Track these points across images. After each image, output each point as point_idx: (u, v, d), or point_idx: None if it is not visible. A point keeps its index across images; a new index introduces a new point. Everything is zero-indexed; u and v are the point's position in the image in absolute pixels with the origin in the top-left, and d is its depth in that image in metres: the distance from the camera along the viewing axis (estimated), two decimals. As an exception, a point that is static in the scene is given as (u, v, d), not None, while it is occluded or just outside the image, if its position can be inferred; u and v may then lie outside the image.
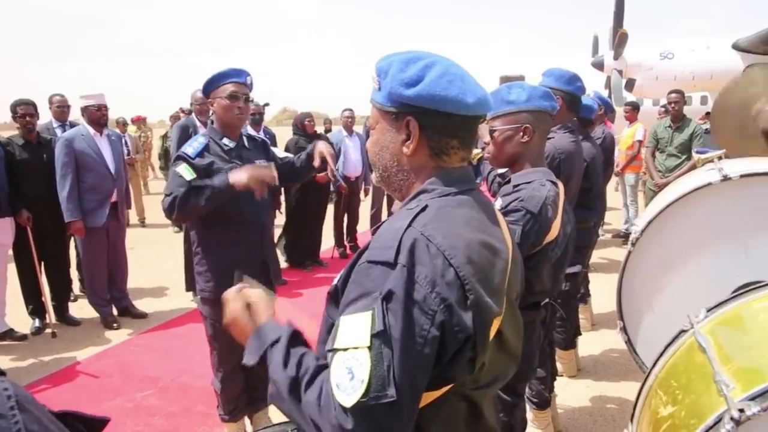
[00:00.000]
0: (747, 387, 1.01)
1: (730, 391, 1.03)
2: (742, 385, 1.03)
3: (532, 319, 2.21)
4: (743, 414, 0.96)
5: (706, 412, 1.02)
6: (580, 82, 3.07)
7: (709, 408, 1.03)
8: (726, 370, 1.12)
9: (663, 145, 6.22)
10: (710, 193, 1.73)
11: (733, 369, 1.11)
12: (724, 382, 1.07)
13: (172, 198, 2.57)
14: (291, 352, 1.10)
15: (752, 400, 0.97)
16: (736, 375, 1.08)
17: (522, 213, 1.95)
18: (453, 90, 1.12)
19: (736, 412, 0.96)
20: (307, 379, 1.05)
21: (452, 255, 1.03)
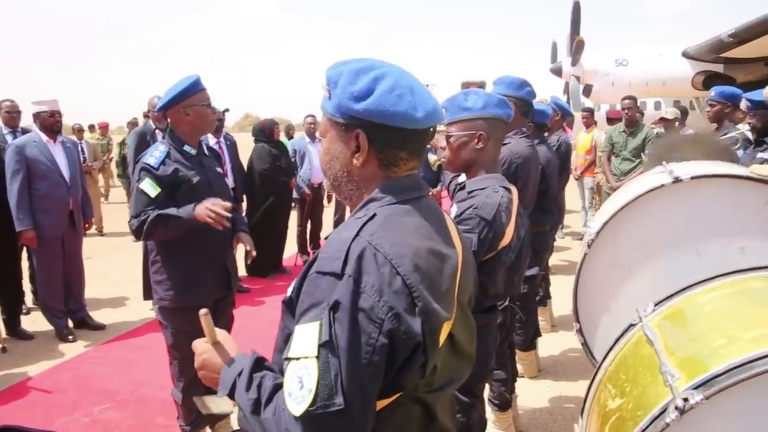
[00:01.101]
0: (691, 377, 1.05)
1: (675, 382, 1.07)
2: (686, 375, 1.07)
3: (488, 322, 2.25)
4: (687, 403, 0.99)
5: (653, 403, 1.06)
6: (530, 87, 3.16)
7: (655, 398, 1.07)
8: (671, 361, 1.16)
9: (618, 149, 6.42)
10: (662, 194, 1.79)
11: (678, 360, 1.15)
12: (669, 372, 1.11)
13: (140, 223, 2.58)
14: (253, 378, 1.12)
15: (695, 389, 1.01)
16: (681, 365, 1.12)
17: (477, 220, 2.00)
18: (402, 105, 1.12)
19: (681, 401, 1.00)
20: (266, 398, 1.08)
21: (399, 263, 1.05)
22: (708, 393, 0.99)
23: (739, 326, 1.17)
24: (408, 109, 1.13)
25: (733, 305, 1.32)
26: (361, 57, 1.21)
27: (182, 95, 2.68)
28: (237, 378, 1.15)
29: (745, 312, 1.27)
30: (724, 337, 1.15)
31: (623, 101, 6.33)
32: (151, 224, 2.55)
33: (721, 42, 11.46)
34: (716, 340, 1.15)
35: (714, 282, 1.40)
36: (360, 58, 1.20)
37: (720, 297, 1.34)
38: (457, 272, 1.22)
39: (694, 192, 1.74)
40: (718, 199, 1.74)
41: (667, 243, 1.79)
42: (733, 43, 11.21)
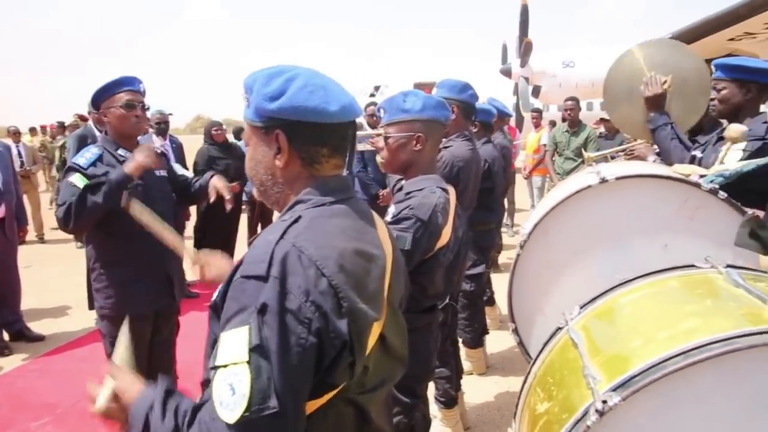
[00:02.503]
0: (611, 378, 1.08)
1: (596, 384, 1.10)
2: (607, 376, 1.10)
3: (429, 322, 2.28)
4: (606, 405, 1.02)
5: (576, 406, 1.09)
6: (472, 90, 3.21)
7: (579, 401, 1.10)
8: (594, 364, 1.19)
9: (561, 148, 6.60)
10: (589, 195, 1.84)
11: (601, 362, 1.19)
12: (591, 375, 1.13)
13: (66, 206, 2.46)
14: (167, 408, 1.10)
15: (614, 391, 1.04)
16: (602, 367, 1.15)
17: (412, 221, 2.02)
18: (314, 100, 1.16)
19: (600, 403, 1.02)
20: (187, 421, 1.05)
21: (324, 265, 1.06)
22: (625, 394, 1.02)
23: (655, 326, 1.21)
24: (320, 103, 1.16)
25: (650, 306, 1.37)
26: (276, 64, 1.25)
27: (97, 97, 2.61)
28: (149, 414, 1.13)
29: (660, 312, 1.32)
30: (641, 337, 1.19)
31: (566, 102, 6.52)
32: (79, 201, 2.43)
33: (661, 44, 11.87)
34: (634, 341, 1.19)
35: (634, 283, 1.44)
36: (274, 65, 1.25)
37: (639, 298, 1.39)
38: (386, 273, 1.23)
39: (620, 192, 1.80)
40: (642, 198, 1.81)
41: (595, 242, 1.84)
42: (673, 45, 11.61)
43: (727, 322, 1.06)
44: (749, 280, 1.30)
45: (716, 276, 1.37)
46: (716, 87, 3.05)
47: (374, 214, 1.34)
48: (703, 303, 1.28)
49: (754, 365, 0.99)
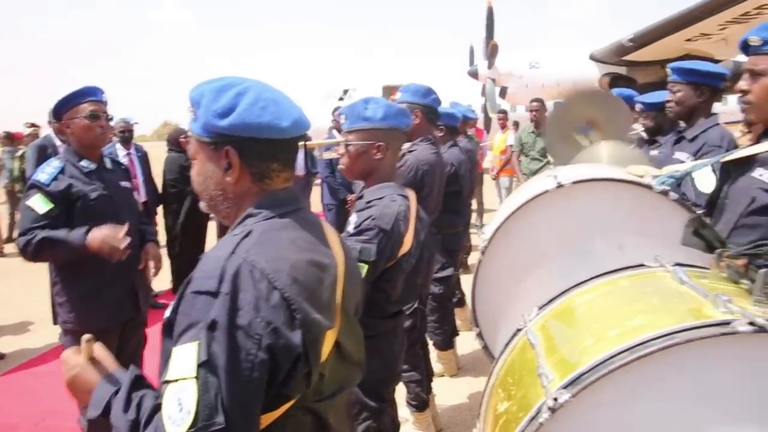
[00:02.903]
0: (563, 377, 1.11)
1: (549, 383, 1.14)
2: (559, 375, 1.14)
3: (393, 326, 2.31)
4: (557, 402, 1.05)
5: (531, 404, 1.12)
6: (435, 94, 3.25)
7: (534, 400, 1.13)
8: (549, 363, 1.22)
9: (527, 149, 6.71)
10: (547, 199, 1.89)
11: (555, 361, 1.22)
12: (545, 374, 1.17)
13: (25, 242, 2.46)
14: (132, 397, 1.10)
15: (565, 388, 1.07)
16: (556, 367, 1.19)
17: (375, 231, 2.04)
18: (266, 116, 1.15)
19: (551, 401, 1.06)
20: (145, 419, 1.06)
21: (276, 278, 1.07)
22: (575, 391, 1.05)
23: (605, 325, 1.26)
24: (273, 119, 1.16)
25: (602, 305, 1.42)
26: (224, 76, 1.24)
27: (59, 108, 2.58)
28: (113, 397, 1.12)
29: (611, 311, 1.37)
30: (592, 336, 1.23)
31: (531, 103, 6.64)
32: (38, 245, 2.44)
33: (622, 46, 12.20)
34: (586, 339, 1.23)
35: (589, 284, 1.49)
36: (222, 77, 1.23)
37: (593, 298, 1.43)
38: (338, 281, 1.25)
39: (576, 196, 1.85)
40: (598, 201, 1.86)
41: (554, 246, 1.89)
42: (633, 47, 11.96)
43: (670, 318, 1.11)
44: (693, 277, 1.36)
45: (664, 274, 1.42)
46: (672, 89, 3.15)
47: (324, 224, 1.35)
48: (651, 301, 1.33)
49: (694, 358, 1.03)
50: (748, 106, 1.95)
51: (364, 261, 1.99)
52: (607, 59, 12.93)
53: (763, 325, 0.99)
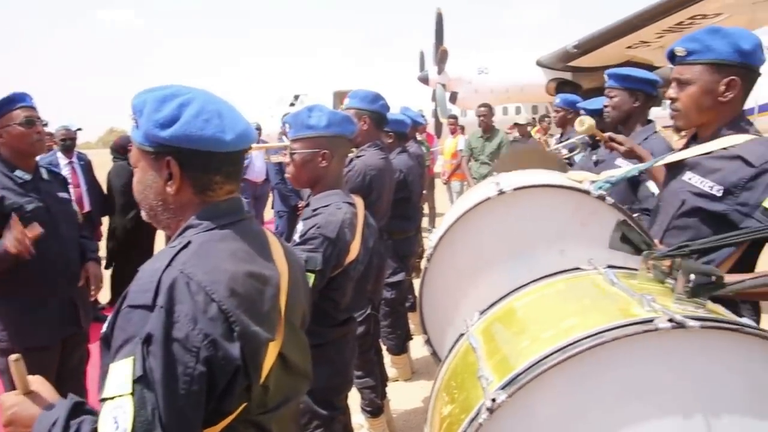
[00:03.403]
0: (501, 378, 1.16)
1: (489, 384, 1.18)
2: (498, 377, 1.18)
3: (344, 334, 2.32)
4: (495, 403, 1.09)
5: (472, 406, 1.16)
6: (383, 100, 3.29)
7: (474, 401, 1.16)
8: (489, 366, 1.27)
9: (476, 153, 6.85)
10: (489, 206, 1.93)
11: (494, 364, 1.27)
12: (485, 377, 1.21)
13: None
14: (70, 425, 1.08)
15: (503, 389, 1.11)
16: (495, 369, 1.23)
17: (320, 240, 2.05)
18: (210, 129, 1.14)
19: (489, 402, 1.09)
20: None
21: (214, 290, 1.06)
22: (511, 391, 1.09)
23: (541, 327, 1.31)
24: (216, 132, 1.15)
25: (539, 307, 1.47)
26: (168, 84, 1.21)
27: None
28: (51, 428, 1.09)
29: (547, 313, 1.43)
30: (529, 338, 1.28)
31: (479, 108, 6.78)
32: None
33: (567, 52, 12.58)
34: (523, 341, 1.28)
35: (528, 287, 1.55)
36: (166, 86, 1.21)
37: (531, 301, 1.49)
38: (280, 293, 1.25)
39: (518, 202, 1.91)
40: (538, 207, 1.92)
41: (496, 251, 1.94)
42: (578, 53, 12.35)
43: (600, 317, 1.17)
44: (623, 278, 1.43)
45: (597, 276, 1.49)
46: (609, 95, 3.28)
47: (268, 234, 1.35)
48: (583, 302, 1.40)
49: (621, 355, 1.09)
50: (676, 113, 2.05)
51: (310, 270, 2.00)
52: (553, 65, 13.31)
53: (681, 322, 1.06)
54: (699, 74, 1.94)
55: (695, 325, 1.06)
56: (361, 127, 3.20)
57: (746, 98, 2.02)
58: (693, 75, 1.95)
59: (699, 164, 1.99)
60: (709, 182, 1.92)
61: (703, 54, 1.92)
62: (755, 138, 1.91)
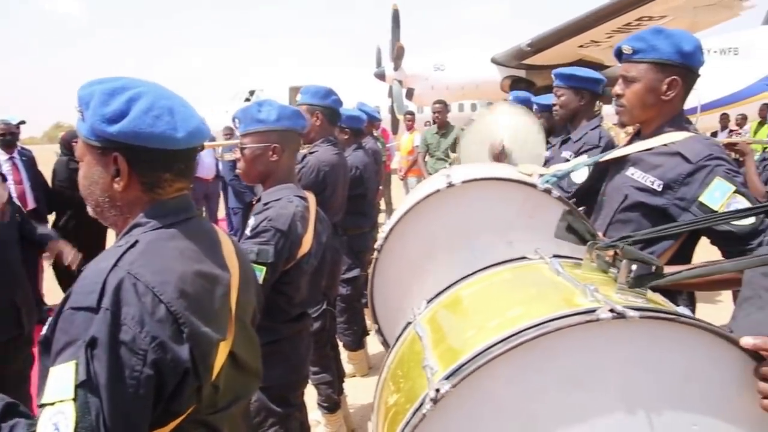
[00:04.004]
0: (445, 368, 1.15)
1: (433, 374, 1.17)
2: (443, 366, 1.17)
3: (298, 330, 2.31)
4: (438, 393, 1.08)
5: (417, 396, 1.15)
6: (336, 96, 3.29)
7: (419, 391, 1.16)
8: (434, 355, 1.26)
9: (432, 149, 6.91)
10: (439, 198, 1.94)
11: (440, 353, 1.26)
12: (430, 366, 1.20)
13: None
14: (1, 428, 1.04)
15: (447, 379, 1.10)
16: (440, 358, 1.23)
17: (272, 232, 2.04)
18: (160, 126, 1.10)
19: (433, 392, 1.08)
20: None
21: (162, 291, 1.04)
22: (455, 381, 1.09)
23: (487, 316, 1.32)
24: (167, 130, 1.11)
25: (485, 297, 1.48)
26: (117, 76, 1.17)
27: None
28: None
29: (493, 302, 1.43)
30: (474, 327, 1.28)
31: (434, 105, 6.86)
32: None
33: (521, 50, 12.80)
34: (469, 331, 1.28)
35: (475, 276, 1.55)
36: (115, 77, 1.16)
37: (477, 290, 1.50)
38: (231, 291, 1.23)
39: (467, 194, 1.93)
40: (487, 199, 1.94)
41: (446, 243, 1.96)
42: (531, 51, 12.59)
43: (545, 307, 1.17)
44: (567, 267, 1.45)
45: (543, 265, 1.51)
46: (556, 93, 3.37)
47: (219, 232, 1.33)
48: (528, 291, 1.41)
49: (564, 345, 1.10)
50: (621, 109, 2.12)
51: (261, 263, 1.99)
52: (508, 63, 13.51)
53: (621, 312, 1.07)
54: (644, 72, 2.01)
55: (635, 315, 1.07)
56: (314, 122, 3.20)
57: (686, 97, 2.10)
58: (638, 73, 2.02)
59: (641, 160, 2.06)
60: (650, 177, 1.99)
61: (648, 53, 1.98)
62: (694, 135, 1.99)
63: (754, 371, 1.06)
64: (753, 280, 1.35)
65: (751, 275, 1.36)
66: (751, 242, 1.80)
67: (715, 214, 1.77)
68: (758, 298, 1.32)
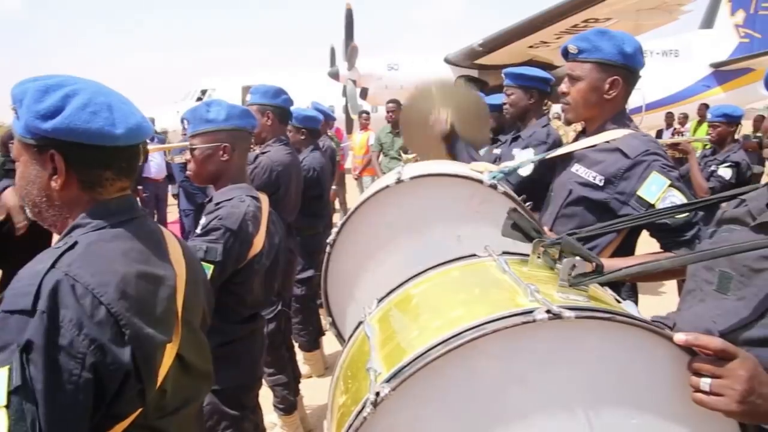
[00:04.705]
0: (388, 369, 1.14)
1: (376, 377, 1.15)
2: (386, 368, 1.16)
3: (252, 330, 2.29)
4: (378, 396, 1.07)
5: (361, 398, 1.12)
6: (286, 95, 3.26)
7: (363, 393, 1.14)
8: (380, 357, 1.24)
9: (386, 149, 6.94)
10: (389, 194, 1.95)
11: (385, 354, 1.24)
12: (374, 369, 1.18)
13: None
14: None
15: (387, 382, 1.09)
16: (385, 360, 1.21)
17: (222, 231, 2.02)
18: (97, 122, 1.08)
19: (373, 395, 1.07)
20: None
21: (102, 293, 1.01)
22: (395, 384, 1.07)
23: (431, 316, 1.31)
24: (105, 126, 1.09)
25: (432, 296, 1.47)
26: (52, 74, 1.14)
27: None
28: None
29: (439, 302, 1.42)
30: (418, 328, 1.28)
31: (388, 104, 6.88)
32: None
33: (473, 50, 12.99)
34: (413, 331, 1.27)
35: (424, 275, 1.55)
36: (51, 75, 1.13)
37: (426, 289, 1.49)
38: (177, 293, 1.21)
39: (416, 190, 1.94)
40: (436, 195, 1.96)
41: (396, 239, 1.96)
42: (483, 51, 12.78)
43: (486, 308, 1.16)
44: (514, 265, 1.45)
45: (490, 263, 1.51)
46: (506, 92, 3.44)
47: (165, 233, 1.31)
48: (473, 291, 1.41)
49: (503, 347, 1.10)
50: (567, 107, 2.18)
51: (210, 261, 1.97)
52: (461, 62, 13.69)
53: (558, 313, 1.07)
54: (588, 71, 2.08)
55: (571, 315, 1.07)
56: (265, 122, 3.17)
57: (628, 97, 2.18)
58: (583, 72, 2.09)
59: (585, 156, 2.13)
60: (593, 173, 2.05)
61: (592, 53, 2.05)
62: (632, 132, 2.07)
63: (688, 366, 1.09)
64: (696, 273, 1.40)
65: (695, 268, 1.41)
66: (686, 234, 1.91)
67: (656, 211, 1.85)
68: (699, 290, 1.37)
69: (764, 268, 1.20)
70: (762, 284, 1.20)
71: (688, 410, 1.11)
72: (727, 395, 1.04)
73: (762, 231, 1.24)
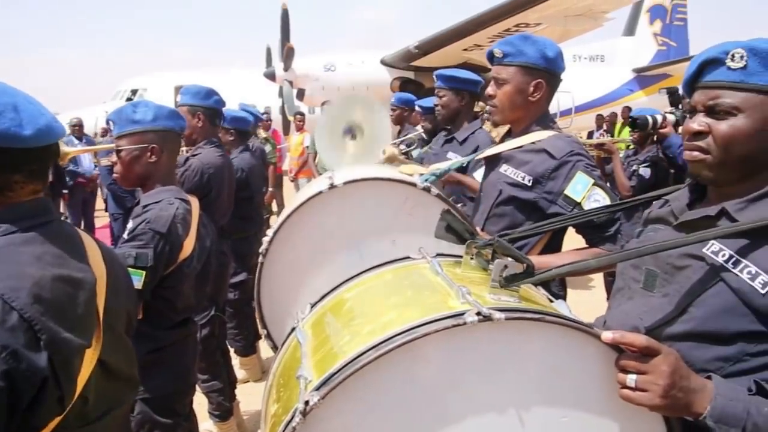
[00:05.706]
0: (318, 377, 1.12)
1: (306, 385, 1.13)
2: (316, 376, 1.13)
3: (184, 335, 2.23)
4: (307, 405, 1.04)
5: (291, 407, 1.10)
6: (218, 96, 3.20)
7: (293, 402, 1.11)
8: (311, 364, 1.22)
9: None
10: (322, 200, 1.93)
11: (316, 361, 1.22)
12: (304, 376, 1.15)
13: None
14: None
15: (317, 390, 1.06)
16: (316, 367, 1.19)
17: (150, 235, 1.96)
18: (3, 122, 1.03)
19: (302, 404, 1.05)
20: None
21: (14, 297, 0.97)
22: (324, 392, 1.05)
23: (363, 321, 1.30)
24: (11, 127, 1.04)
25: (365, 300, 1.46)
26: None
27: None
28: None
29: (371, 306, 1.42)
30: (350, 333, 1.26)
31: (323, 106, 6.84)
32: None
33: (409, 52, 13.13)
34: (345, 337, 1.25)
35: (358, 278, 1.53)
36: None
37: (359, 292, 1.48)
38: (96, 296, 1.17)
39: (349, 195, 1.93)
40: (368, 199, 1.96)
41: (330, 244, 1.95)
42: (419, 53, 12.94)
43: (417, 311, 1.16)
44: (447, 267, 1.45)
45: (424, 265, 1.51)
46: (438, 94, 3.49)
47: (83, 236, 1.26)
48: (405, 294, 1.40)
49: (434, 350, 1.09)
50: (494, 109, 2.24)
51: (140, 267, 1.90)
52: (397, 64, 13.80)
53: (488, 315, 1.07)
54: (513, 75, 2.14)
55: (501, 317, 1.08)
56: (195, 124, 3.09)
57: (551, 99, 2.26)
58: (508, 75, 2.15)
59: (513, 157, 2.19)
60: (521, 173, 2.12)
61: (516, 57, 2.12)
62: (557, 134, 2.15)
63: (615, 363, 1.13)
64: (624, 272, 1.45)
65: (623, 267, 1.45)
66: (610, 229, 2.03)
67: (583, 212, 1.93)
68: (628, 288, 1.42)
69: (686, 265, 1.25)
70: (684, 281, 1.25)
71: (617, 406, 1.15)
72: (651, 390, 1.09)
73: (683, 229, 1.30)
